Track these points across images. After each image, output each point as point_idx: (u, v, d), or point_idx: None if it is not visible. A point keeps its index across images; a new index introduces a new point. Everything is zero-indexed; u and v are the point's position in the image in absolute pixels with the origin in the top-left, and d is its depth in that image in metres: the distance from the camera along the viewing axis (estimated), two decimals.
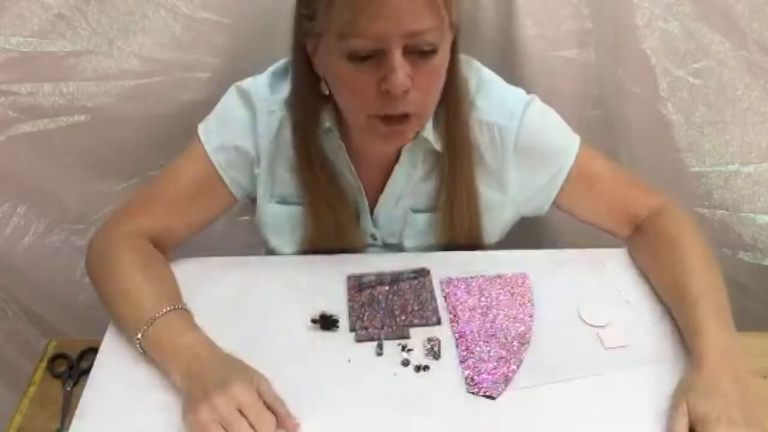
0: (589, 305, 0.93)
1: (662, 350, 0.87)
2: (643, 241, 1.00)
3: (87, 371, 0.87)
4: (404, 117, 0.83)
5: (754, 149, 1.20)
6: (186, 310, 0.89)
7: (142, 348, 0.85)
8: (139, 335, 0.84)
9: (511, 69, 1.18)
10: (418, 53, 0.79)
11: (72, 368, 0.93)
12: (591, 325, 0.91)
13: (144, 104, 1.17)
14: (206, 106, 1.01)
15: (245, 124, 0.97)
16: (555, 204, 1.02)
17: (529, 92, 0.99)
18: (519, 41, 1.16)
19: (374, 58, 0.78)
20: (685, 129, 1.19)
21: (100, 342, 0.89)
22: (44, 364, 0.94)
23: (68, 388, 0.90)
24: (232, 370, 0.80)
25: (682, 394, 0.78)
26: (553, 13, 1.14)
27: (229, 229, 1.36)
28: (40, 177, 1.20)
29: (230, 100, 0.98)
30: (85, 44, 1.10)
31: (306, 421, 0.78)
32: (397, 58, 0.77)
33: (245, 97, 0.97)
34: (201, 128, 0.99)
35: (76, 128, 1.16)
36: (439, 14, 0.77)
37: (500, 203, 1.01)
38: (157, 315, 0.85)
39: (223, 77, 1.03)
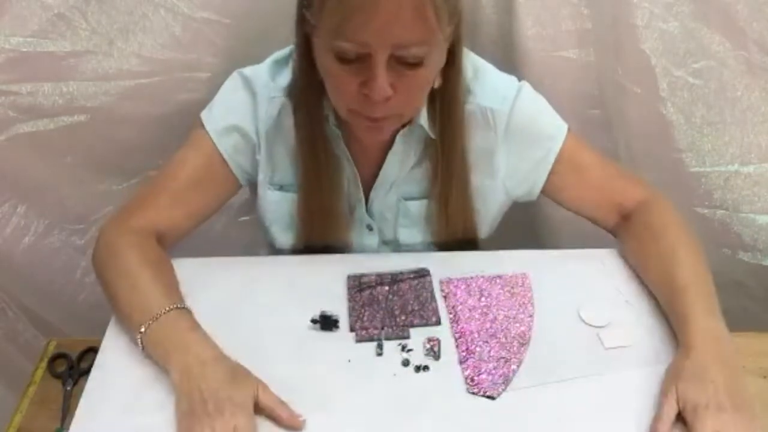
0: (589, 305, 0.93)
1: (662, 350, 0.87)
2: (630, 232, 1.00)
3: (87, 371, 0.87)
4: (383, 117, 0.85)
5: (754, 149, 1.20)
6: (188, 310, 0.88)
7: (142, 343, 0.84)
8: (143, 329, 0.83)
9: (511, 69, 1.18)
10: (404, 63, 0.79)
11: (72, 368, 0.93)
12: (591, 325, 0.91)
13: (144, 104, 1.17)
14: (206, 106, 1.01)
15: (247, 107, 0.98)
16: (543, 191, 1.02)
17: None
18: (519, 41, 1.16)
19: (360, 61, 0.79)
20: (685, 129, 1.19)
21: (100, 342, 0.89)
22: (44, 364, 0.94)
23: (68, 388, 0.90)
24: (232, 381, 0.79)
25: (671, 380, 0.78)
26: (553, 13, 1.14)
27: (229, 229, 1.36)
28: (40, 177, 1.20)
29: (232, 85, 1.00)
30: (85, 44, 1.10)
31: (306, 422, 0.78)
32: (380, 66, 0.78)
33: (246, 82, 0.98)
34: (204, 115, 0.99)
35: (76, 128, 1.16)
36: (429, 29, 0.77)
37: (491, 188, 1.02)
38: (163, 311, 0.84)
39: (223, 77, 1.03)
